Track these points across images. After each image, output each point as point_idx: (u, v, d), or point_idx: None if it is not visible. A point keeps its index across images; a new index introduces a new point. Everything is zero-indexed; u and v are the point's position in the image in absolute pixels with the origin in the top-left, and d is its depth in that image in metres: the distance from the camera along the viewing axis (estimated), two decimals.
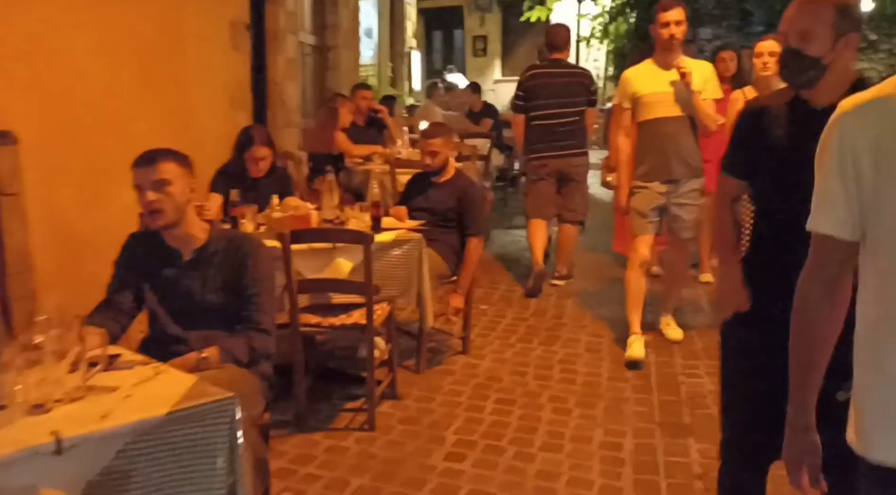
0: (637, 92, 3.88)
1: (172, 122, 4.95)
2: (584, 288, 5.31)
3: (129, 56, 4.51)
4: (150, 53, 4.75)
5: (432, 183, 3.95)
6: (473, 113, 8.29)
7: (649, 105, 3.85)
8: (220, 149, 5.47)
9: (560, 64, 5.21)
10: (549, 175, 5.19)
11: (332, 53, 8.96)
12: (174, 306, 2.32)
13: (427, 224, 3.86)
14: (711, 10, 11.62)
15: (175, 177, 2.28)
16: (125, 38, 4.48)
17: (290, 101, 7.32)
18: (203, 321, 2.29)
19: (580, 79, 5.23)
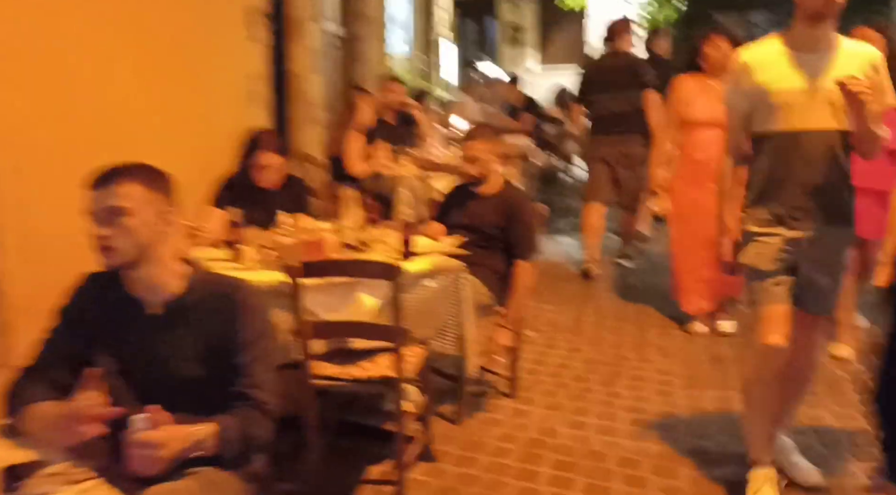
0: (766, 86, 2.42)
1: (179, 125, 4.37)
2: (644, 309, 4.64)
3: (126, 50, 3.94)
4: (152, 46, 4.17)
5: (474, 195, 3.31)
6: (513, 107, 7.62)
7: (783, 109, 2.40)
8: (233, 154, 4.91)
9: (614, 54, 5.42)
10: (602, 160, 5.37)
11: (359, 44, 8.35)
12: (136, 380, 1.72)
13: (467, 244, 3.23)
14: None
15: (137, 204, 1.68)
16: (121, 28, 3.91)
17: (313, 95, 6.72)
18: (175, 401, 1.68)
19: (632, 66, 5.33)
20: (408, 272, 2.66)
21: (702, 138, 3.97)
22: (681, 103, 4.05)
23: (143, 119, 4.01)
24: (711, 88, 3.89)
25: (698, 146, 3.99)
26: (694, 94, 3.99)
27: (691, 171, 4.01)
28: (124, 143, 3.81)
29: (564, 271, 5.46)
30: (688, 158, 4.06)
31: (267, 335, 1.77)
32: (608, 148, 5.30)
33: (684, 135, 4.08)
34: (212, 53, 4.80)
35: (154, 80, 4.15)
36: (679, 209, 4.16)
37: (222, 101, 4.96)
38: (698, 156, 3.97)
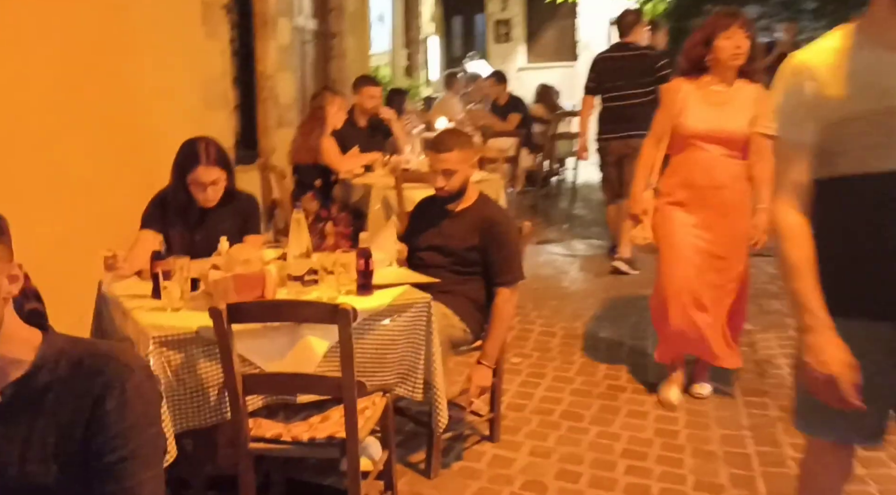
0: (844, 103, 1.60)
1: (120, 133, 3.95)
2: (643, 329, 4.22)
3: (55, 50, 3.50)
4: (89, 45, 3.74)
5: (446, 212, 2.88)
6: (498, 106, 7.19)
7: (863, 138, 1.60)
8: None
9: (627, 47, 5.27)
10: (611, 156, 5.29)
11: (337, 40, 7.90)
12: None
13: (440, 268, 2.80)
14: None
15: None
16: (51, 26, 3.47)
17: (285, 96, 6.29)
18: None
19: (645, 59, 5.17)
20: (363, 311, 2.24)
21: (700, 157, 3.10)
22: (673, 112, 3.14)
23: (69, 129, 3.56)
24: (715, 96, 3.08)
25: (696, 167, 3.11)
26: (692, 102, 3.09)
27: (687, 198, 3.14)
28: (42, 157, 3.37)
29: (554, 286, 5.04)
30: (681, 182, 3.16)
31: (146, 423, 1.33)
32: (618, 143, 5.19)
33: (677, 151, 3.21)
34: (161, 55, 4.36)
35: (85, 84, 3.72)
36: (666, 241, 3.20)
37: (176, 107, 4.53)
38: (696, 179, 3.11)
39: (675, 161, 3.22)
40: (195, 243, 2.77)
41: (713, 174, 3.09)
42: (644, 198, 3.26)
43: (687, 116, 3.10)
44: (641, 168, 3.29)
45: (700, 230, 3.12)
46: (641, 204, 3.27)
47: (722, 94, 3.07)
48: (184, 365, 2.03)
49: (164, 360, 1.99)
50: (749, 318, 4.27)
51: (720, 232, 3.11)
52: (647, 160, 3.27)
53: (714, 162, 3.09)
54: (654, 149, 3.25)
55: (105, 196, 3.66)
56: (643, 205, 3.26)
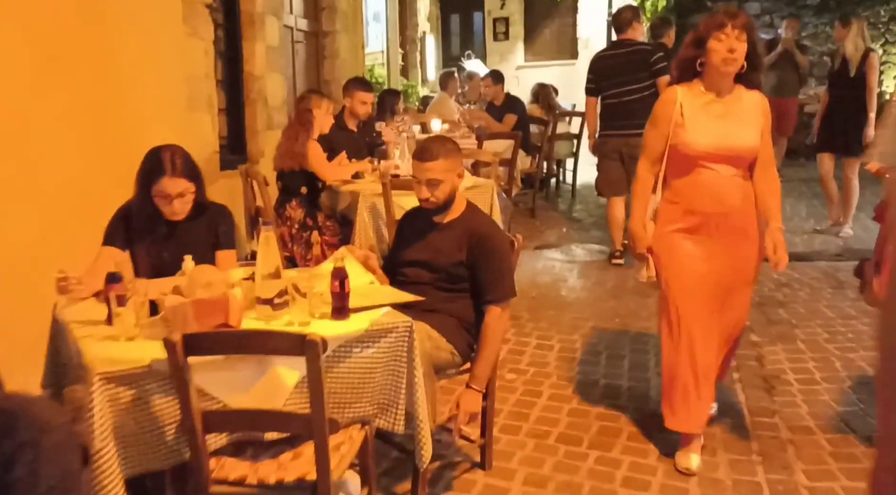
0: None
1: (97, 135, 3.75)
2: (647, 340, 4.02)
3: (31, 47, 3.31)
4: (65, 43, 3.54)
5: (433, 225, 2.68)
6: (495, 107, 6.98)
7: None
8: None
9: (623, 44, 5.28)
10: (611, 152, 5.31)
11: (330, 39, 7.71)
12: None
13: (425, 285, 2.60)
14: None
15: None
16: (25, 22, 3.28)
17: (274, 98, 6.09)
18: None
19: (640, 54, 5.17)
20: (337, 337, 2.04)
21: (707, 180, 2.64)
22: (670, 128, 2.66)
23: (43, 132, 3.37)
24: (719, 105, 2.63)
25: (702, 191, 2.64)
26: (691, 114, 2.62)
27: (694, 226, 2.68)
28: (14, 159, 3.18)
29: (551, 295, 4.83)
30: (686, 209, 2.68)
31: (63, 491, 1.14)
32: (619, 141, 5.21)
33: (678, 174, 2.71)
34: (141, 54, 4.16)
35: (61, 84, 3.52)
36: (671, 278, 2.74)
37: (156, 109, 4.33)
38: (705, 205, 2.64)
39: (677, 186, 2.71)
40: (163, 259, 2.58)
41: (724, 198, 2.63)
42: (646, 234, 2.80)
43: (688, 132, 2.61)
44: (638, 198, 2.81)
45: (710, 262, 2.68)
46: (644, 240, 2.80)
47: (722, 105, 2.63)
48: (136, 402, 1.83)
49: (113, 398, 1.79)
50: (755, 329, 4.10)
51: (732, 261, 2.69)
52: (643, 187, 2.79)
53: (723, 184, 2.63)
54: (649, 173, 2.78)
55: (81, 200, 3.46)
56: (646, 241, 2.80)
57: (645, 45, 5.36)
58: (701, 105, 2.63)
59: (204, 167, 4.85)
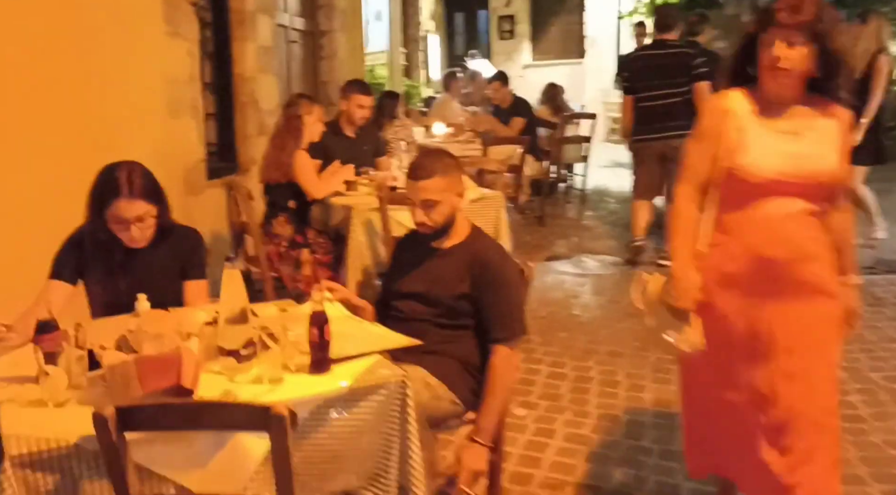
0: None
1: (66, 144, 3.42)
2: (665, 377, 3.67)
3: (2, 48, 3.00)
4: (29, 44, 3.21)
5: (431, 251, 2.33)
6: (501, 109, 6.63)
7: None
8: None
9: (663, 44, 5.15)
10: (650, 157, 5.20)
11: (327, 39, 7.36)
12: None
13: (422, 322, 2.26)
14: None
15: None
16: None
17: (266, 101, 5.74)
18: None
19: (681, 57, 5.02)
20: (316, 397, 1.70)
21: (770, 216, 1.97)
22: (722, 145, 2.00)
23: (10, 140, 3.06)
24: (788, 119, 1.98)
25: (764, 230, 1.97)
26: (753, 129, 1.98)
27: (746, 275, 2.00)
28: None
29: (563, 314, 4.47)
30: (738, 252, 2.01)
31: None
32: (656, 144, 5.09)
33: (731, 206, 2.03)
34: (115, 53, 3.81)
35: (23, 89, 3.19)
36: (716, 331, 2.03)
37: (135, 114, 3.99)
38: (765, 248, 1.96)
39: (729, 222, 2.03)
40: (120, 293, 2.22)
41: (793, 241, 1.96)
42: (691, 282, 2.05)
43: (747, 152, 1.96)
44: (679, 234, 2.10)
45: (758, 321, 1.99)
46: (690, 291, 2.04)
47: (792, 118, 1.98)
48: (60, 488, 1.48)
49: (31, 486, 1.45)
50: None
51: (795, 326, 1.97)
52: (685, 221, 2.10)
53: (793, 222, 1.96)
54: (691, 202, 2.09)
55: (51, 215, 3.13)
56: (692, 292, 2.04)
57: (686, 47, 5.16)
58: (764, 118, 1.98)
59: (188, 177, 4.60)
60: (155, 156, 4.21)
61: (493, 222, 3.82)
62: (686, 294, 2.04)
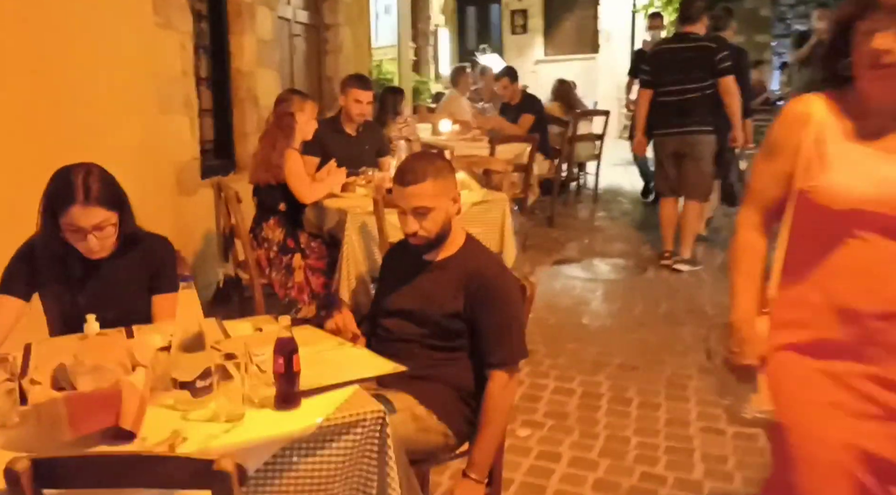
0: None
1: (47, 144, 3.23)
2: (681, 393, 3.42)
3: None
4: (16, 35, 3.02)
5: (422, 264, 2.10)
6: (510, 106, 6.38)
7: None
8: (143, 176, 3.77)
9: (687, 37, 4.95)
10: (667, 155, 5.08)
11: (332, 33, 7.14)
12: None
13: (412, 343, 2.03)
14: None
15: None
16: None
17: (266, 96, 5.51)
18: None
19: (704, 51, 4.83)
20: (281, 438, 1.48)
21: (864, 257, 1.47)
22: (797, 159, 1.54)
23: None
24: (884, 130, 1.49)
25: (855, 275, 1.47)
26: (840, 145, 1.51)
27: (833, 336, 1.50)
28: None
29: (572, 322, 4.23)
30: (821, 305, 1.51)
31: None
32: (675, 140, 4.99)
33: (812, 242, 1.55)
34: (100, 46, 3.62)
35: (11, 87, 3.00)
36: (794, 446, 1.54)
37: (118, 111, 3.77)
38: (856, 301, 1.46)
39: (808, 263, 1.55)
40: (80, 308, 2.01)
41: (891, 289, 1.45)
42: (756, 330, 1.62)
43: (833, 170, 1.49)
44: (741, 271, 1.67)
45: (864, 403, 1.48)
46: (754, 345, 1.61)
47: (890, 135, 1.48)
48: None
49: None
50: None
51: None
52: (749, 255, 1.66)
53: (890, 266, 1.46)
54: (755, 232, 1.66)
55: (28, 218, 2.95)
56: (756, 345, 1.61)
57: (710, 41, 4.95)
58: (855, 129, 1.51)
59: (181, 176, 4.40)
60: (144, 155, 4.03)
61: (497, 227, 3.59)
62: (747, 348, 1.61)
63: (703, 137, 4.92)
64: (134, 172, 3.89)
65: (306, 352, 1.62)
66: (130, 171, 3.82)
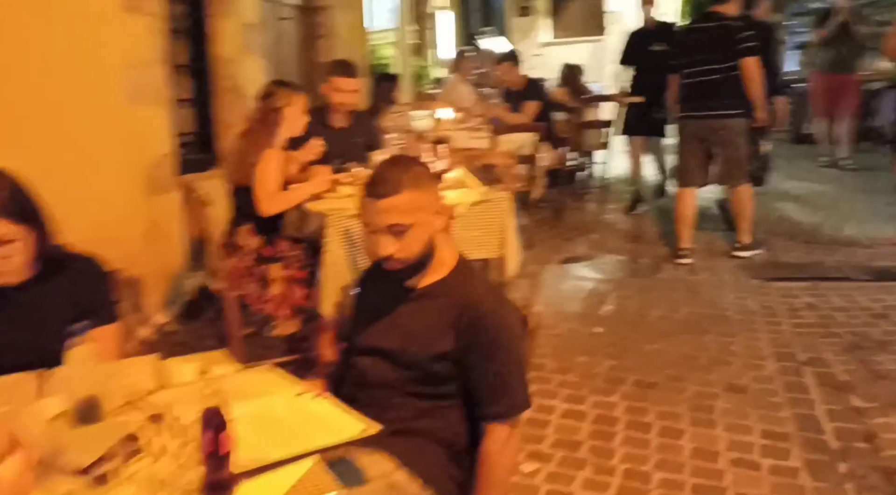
0: None
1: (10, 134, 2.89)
2: (707, 418, 3.05)
3: None
4: None
5: (403, 292, 1.73)
6: (513, 92, 5.96)
7: None
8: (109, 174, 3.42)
9: (714, 16, 4.72)
10: (690, 137, 4.87)
11: (325, 16, 6.73)
12: None
13: (391, 389, 1.66)
14: None
15: None
16: None
17: (252, 85, 5.12)
18: None
19: (727, 30, 4.60)
20: None
21: None
22: None
23: None
24: None
25: None
26: None
27: None
28: None
29: (582, 331, 3.85)
30: None
31: None
32: (697, 123, 4.78)
33: None
34: (60, 32, 3.25)
35: None
36: None
37: (81, 103, 3.40)
38: None
39: None
40: None
41: None
42: None
43: None
44: None
45: None
46: None
47: None
48: None
49: None
50: (856, 386, 3.12)
51: None
52: None
53: None
54: None
55: None
56: None
57: (734, 20, 4.69)
58: None
59: (153, 173, 4.03)
60: (110, 150, 3.66)
61: (497, 229, 3.21)
62: None
63: (730, 121, 4.68)
64: (99, 169, 3.55)
65: (255, 408, 1.27)
66: (95, 169, 3.50)
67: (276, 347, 3.20)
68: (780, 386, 3.16)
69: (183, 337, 3.63)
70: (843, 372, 3.27)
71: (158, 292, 3.85)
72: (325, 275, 2.95)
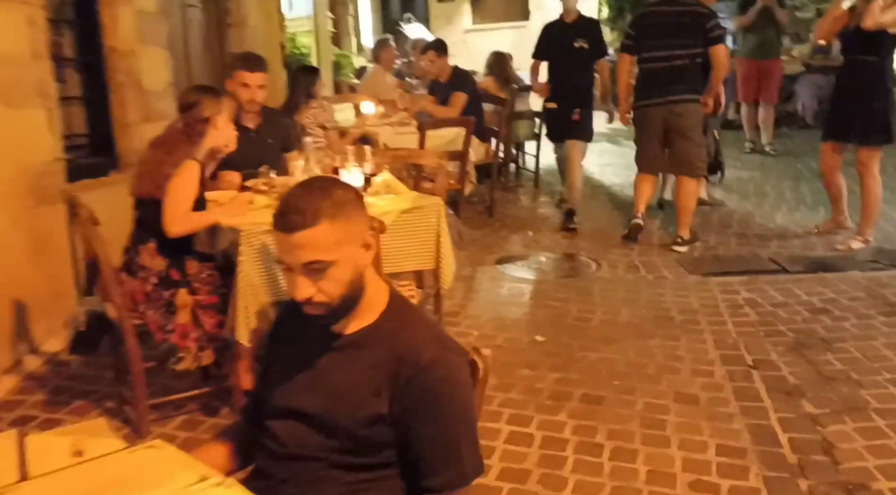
0: None
1: None
2: (662, 435, 2.87)
3: None
4: None
5: (327, 339, 1.43)
6: (440, 84, 5.67)
7: None
8: None
9: (679, 1, 4.65)
10: (650, 125, 4.79)
11: (235, 3, 6.25)
12: None
13: (316, 462, 1.37)
14: None
15: None
16: None
17: (152, 80, 4.67)
18: None
19: (695, 17, 4.57)
20: None
21: None
22: None
23: None
24: None
25: None
26: None
27: None
28: None
29: (522, 339, 3.61)
30: None
31: None
32: (661, 109, 4.69)
33: None
34: None
35: None
36: None
37: None
38: None
39: None
40: None
41: None
42: None
43: None
44: None
45: None
46: None
47: None
48: None
49: None
50: (806, 390, 3.01)
51: None
52: None
53: None
54: None
55: None
56: None
57: (702, 7, 4.66)
58: None
59: (37, 181, 3.55)
60: None
61: (431, 238, 2.94)
62: None
63: (691, 106, 4.67)
64: None
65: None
66: None
67: (185, 378, 2.86)
68: (730, 394, 3.01)
69: (76, 369, 3.22)
70: (791, 375, 3.15)
71: (48, 317, 3.41)
72: (240, 297, 2.61)
